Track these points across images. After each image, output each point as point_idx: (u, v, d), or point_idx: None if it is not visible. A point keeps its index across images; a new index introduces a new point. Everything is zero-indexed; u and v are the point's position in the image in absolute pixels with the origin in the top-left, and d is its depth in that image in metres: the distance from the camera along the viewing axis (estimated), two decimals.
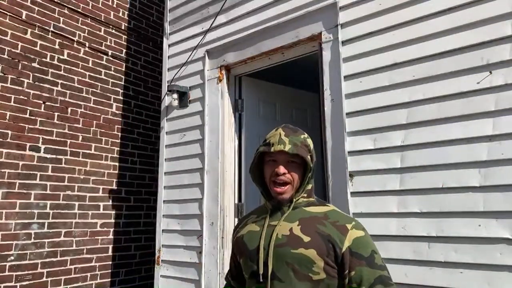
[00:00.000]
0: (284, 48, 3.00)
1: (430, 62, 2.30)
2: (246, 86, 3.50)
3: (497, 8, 2.12)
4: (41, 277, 3.56)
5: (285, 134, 1.30)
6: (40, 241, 3.60)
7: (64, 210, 3.81)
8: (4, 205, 3.41)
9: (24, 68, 3.70)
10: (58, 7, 4.04)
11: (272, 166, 1.28)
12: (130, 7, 4.74)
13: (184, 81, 3.58)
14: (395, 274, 2.24)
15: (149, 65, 4.83)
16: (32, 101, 3.71)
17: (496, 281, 1.96)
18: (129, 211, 4.33)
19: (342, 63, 2.62)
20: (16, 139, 3.55)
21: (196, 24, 3.60)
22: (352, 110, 2.55)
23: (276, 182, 1.27)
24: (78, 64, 4.12)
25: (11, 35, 3.64)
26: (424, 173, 2.24)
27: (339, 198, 2.50)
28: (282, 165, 1.27)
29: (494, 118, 2.06)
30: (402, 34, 2.42)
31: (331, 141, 2.60)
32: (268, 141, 1.31)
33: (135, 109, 4.59)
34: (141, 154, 4.57)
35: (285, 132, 1.31)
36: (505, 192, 1.99)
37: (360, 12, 2.60)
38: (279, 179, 1.27)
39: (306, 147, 1.30)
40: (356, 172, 2.48)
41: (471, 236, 2.06)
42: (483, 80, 2.12)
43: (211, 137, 3.29)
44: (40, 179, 3.67)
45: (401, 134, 2.34)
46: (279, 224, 1.25)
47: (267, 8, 3.09)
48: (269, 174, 1.30)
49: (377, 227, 2.35)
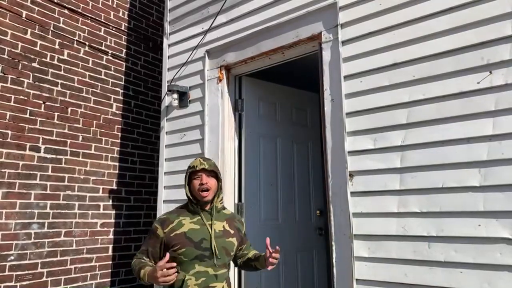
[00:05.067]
0: (284, 48, 3.00)
1: (430, 62, 2.30)
2: (246, 86, 3.50)
3: (497, 8, 2.12)
4: (41, 277, 3.56)
5: (203, 160, 2.02)
6: (40, 241, 3.60)
7: (64, 210, 3.81)
8: (4, 205, 3.41)
9: (24, 68, 3.70)
10: (58, 7, 4.04)
11: (198, 180, 1.97)
12: (130, 7, 4.74)
13: (184, 81, 3.58)
14: (395, 274, 2.25)
15: (149, 65, 4.83)
16: (32, 101, 3.71)
17: (496, 281, 1.96)
18: (129, 211, 4.33)
19: (342, 63, 2.62)
20: (16, 139, 3.55)
21: (196, 24, 3.60)
22: (352, 110, 2.55)
23: (202, 189, 1.95)
24: (78, 64, 4.12)
25: (11, 35, 3.64)
26: (424, 173, 2.24)
27: (339, 198, 2.51)
28: (204, 178, 1.96)
29: (494, 118, 2.07)
30: (402, 34, 2.42)
31: (331, 141, 2.60)
32: (192, 165, 2.00)
33: (135, 109, 4.59)
34: (141, 154, 4.57)
35: (202, 159, 2.03)
36: (505, 192, 1.99)
37: (360, 12, 2.60)
38: (203, 187, 1.95)
39: (216, 167, 2.04)
40: (356, 172, 2.48)
41: (471, 236, 2.06)
42: (483, 80, 2.12)
43: (211, 137, 3.29)
44: (40, 179, 3.67)
45: (401, 134, 2.34)
46: (214, 223, 1.97)
47: (267, 8, 3.09)
48: (196, 186, 1.96)
49: (377, 227, 2.36)
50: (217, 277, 1.91)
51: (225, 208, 2.13)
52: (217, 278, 1.91)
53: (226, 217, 2.05)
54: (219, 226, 1.98)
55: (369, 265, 2.36)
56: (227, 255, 1.96)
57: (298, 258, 3.61)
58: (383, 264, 2.31)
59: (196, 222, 1.95)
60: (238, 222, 2.10)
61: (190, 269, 1.87)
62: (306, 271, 3.64)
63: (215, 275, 1.90)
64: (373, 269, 2.34)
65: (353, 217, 2.44)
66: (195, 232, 1.92)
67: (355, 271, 2.39)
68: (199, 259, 1.88)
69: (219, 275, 1.92)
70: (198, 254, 1.88)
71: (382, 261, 2.32)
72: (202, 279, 1.87)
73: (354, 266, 2.39)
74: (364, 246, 2.39)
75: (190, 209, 2.00)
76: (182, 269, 1.88)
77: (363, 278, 2.37)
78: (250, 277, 3.21)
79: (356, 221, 2.44)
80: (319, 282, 3.70)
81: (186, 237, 1.90)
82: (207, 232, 1.93)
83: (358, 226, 2.43)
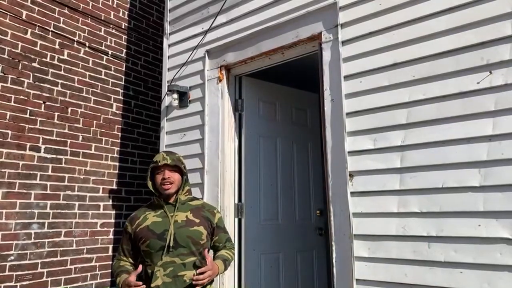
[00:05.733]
0: (284, 48, 3.00)
1: (430, 62, 2.30)
2: (246, 86, 3.50)
3: (497, 8, 2.12)
4: (41, 277, 3.56)
5: (166, 155, 2.08)
6: (40, 241, 3.60)
7: (64, 210, 3.81)
8: (4, 205, 3.41)
9: (24, 68, 3.70)
10: (58, 7, 4.04)
11: (161, 175, 2.04)
12: (130, 7, 4.74)
13: (184, 81, 3.58)
14: (395, 274, 2.25)
15: (149, 65, 4.83)
16: (32, 101, 3.71)
17: (496, 281, 1.96)
18: (129, 211, 4.33)
19: (342, 63, 2.62)
20: (16, 139, 3.55)
21: (196, 24, 3.60)
22: (352, 110, 2.55)
23: (164, 183, 2.03)
24: (78, 64, 4.12)
25: (11, 35, 3.64)
26: (424, 173, 2.24)
27: (339, 198, 2.51)
28: (166, 173, 2.04)
29: (494, 118, 2.07)
30: (402, 34, 2.42)
31: (331, 141, 2.60)
32: (155, 160, 2.06)
33: (135, 109, 4.59)
34: (141, 154, 4.57)
35: (166, 153, 2.09)
36: (505, 192, 1.99)
37: (360, 12, 2.60)
38: (166, 181, 2.03)
39: (180, 161, 2.10)
40: (356, 172, 2.48)
41: (471, 236, 2.06)
42: (483, 80, 2.12)
43: (211, 137, 3.29)
44: (40, 179, 3.67)
45: (401, 134, 2.34)
46: (176, 214, 2.03)
47: (267, 8, 3.09)
48: (159, 180, 2.04)
49: (377, 227, 2.36)
50: (185, 265, 1.95)
51: (194, 199, 2.18)
52: (185, 267, 1.94)
53: (191, 208, 2.10)
54: (182, 217, 2.04)
55: (369, 265, 2.36)
56: (194, 244, 1.99)
57: (298, 258, 3.61)
58: (383, 264, 2.31)
59: (159, 215, 2.04)
60: (207, 212, 2.13)
61: (157, 260, 1.94)
62: (306, 271, 3.64)
63: (183, 263, 1.94)
64: (373, 269, 2.34)
65: (353, 217, 2.44)
66: (157, 224, 2.00)
67: (355, 271, 2.39)
68: (163, 250, 1.94)
69: (187, 263, 1.95)
70: (162, 245, 1.94)
71: (382, 261, 2.32)
72: (170, 268, 1.92)
73: (354, 266, 2.39)
74: (364, 246, 2.39)
75: (155, 203, 2.10)
76: (151, 261, 1.96)
77: (363, 278, 2.37)
78: (250, 277, 3.22)
79: (356, 221, 2.44)
80: (319, 282, 3.70)
81: (148, 229, 1.99)
82: (168, 224, 1.99)
83: (358, 226, 2.43)
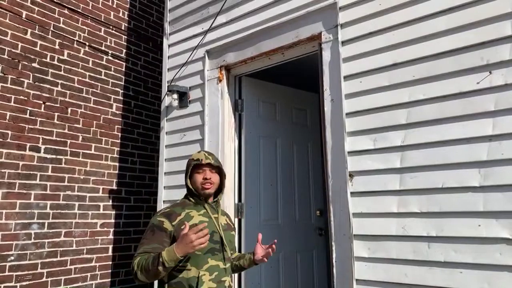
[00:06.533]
0: (284, 48, 3.00)
1: (430, 62, 2.30)
2: (246, 86, 3.50)
3: (497, 8, 2.12)
4: (41, 277, 3.56)
5: (208, 154, 1.96)
6: (40, 241, 3.60)
7: (64, 210, 3.81)
8: (4, 205, 3.41)
9: (24, 68, 3.70)
10: (58, 7, 4.04)
11: (201, 174, 1.91)
12: (130, 7, 4.74)
13: (184, 81, 3.58)
14: (395, 274, 2.25)
15: (149, 65, 4.83)
16: (32, 101, 3.71)
17: (496, 281, 1.96)
18: (129, 211, 4.33)
19: (342, 63, 2.62)
20: (16, 139, 3.55)
21: (196, 24, 3.60)
22: (352, 110, 2.55)
23: (205, 183, 1.90)
24: (78, 64, 4.12)
25: (11, 35, 3.64)
26: (424, 173, 2.24)
27: (339, 198, 2.50)
28: (208, 173, 1.92)
29: (494, 118, 2.07)
30: (402, 34, 2.42)
31: (331, 141, 2.60)
32: (197, 158, 1.93)
33: (135, 109, 4.59)
34: (141, 154, 4.57)
35: (207, 153, 1.97)
36: (505, 192, 1.99)
37: (360, 12, 2.60)
38: (207, 181, 1.90)
39: (220, 163, 2.01)
40: (356, 172, 2.48)
41: (471, 236, 2.06)
42: (483, 80, 2.12)
43: (211, 137, 3.29)
44: (40, 179, 3.67)
45: (401, 134, 2.34)
46: (219, 217, 1.95)
47: (267, 8, 3.09)
48: (199, 179, 1.91)
49: (377, 227, 2.36)
50: (226, 271, 1.86)
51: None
52: (226, 272, 1.86)
53: (224, 212, 2.07)
54: (222, 220, 1.97)
55: (369, 265, 2.36)
56: (231, 249, 1.97)
57: (298, 258, 3.60)
58: (383, 264, 2.31)
59: (203, 215, 1.89)
60: (231, 217, 2.24)
61: (203, 263, 1.79)
62: (306, 271, 3.64)
63: (224, 269, 1.86)
64: (373, 269, 2.34)
65: (353, 217, 2.44)
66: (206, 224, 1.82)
67: (355, 271, 2.39)
68: (211, 252, 1.82)
69: (227, 268, 1.88)
70: (210, 247, 1.81)
71: (382, 261, 2.31)
72: (215, 273, 1.80)
73: (354, 266, 2.39)
74: (364, 246, 2.39)
75: (194, 202, 1.93)
76: (193, 265, 1.77)
77: (363, 278, 2.37)
78: (250, 277, 3.21)
79: (356, 221, 2.44)
80: (319, 282, 3.70)
81: None
82: (215, 225, 1.88)
83: (358, 226, 2.43)
